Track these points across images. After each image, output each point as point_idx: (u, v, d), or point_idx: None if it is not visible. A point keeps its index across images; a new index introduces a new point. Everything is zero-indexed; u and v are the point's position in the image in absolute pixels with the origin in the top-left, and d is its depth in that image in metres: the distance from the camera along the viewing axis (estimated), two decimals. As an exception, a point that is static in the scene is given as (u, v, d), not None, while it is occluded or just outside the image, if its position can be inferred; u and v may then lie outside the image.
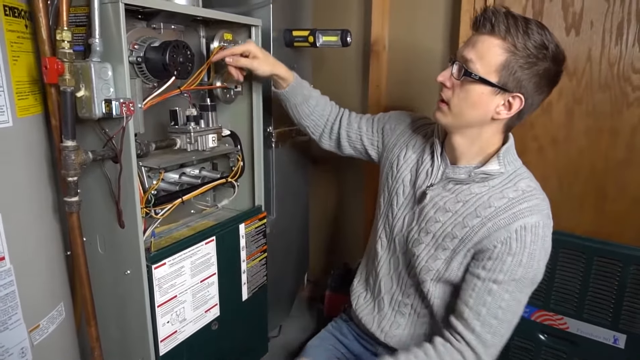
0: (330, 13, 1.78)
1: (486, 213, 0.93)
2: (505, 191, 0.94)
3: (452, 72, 0.92)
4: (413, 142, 1.11)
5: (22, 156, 0.85)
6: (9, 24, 0.79)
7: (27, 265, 0.86)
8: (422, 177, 1.04)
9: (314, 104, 1.30)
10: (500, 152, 0.95)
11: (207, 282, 1.21)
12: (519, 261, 0.90)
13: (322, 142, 1.35)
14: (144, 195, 1.05)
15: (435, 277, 1.00)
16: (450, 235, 0.97)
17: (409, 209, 1.06)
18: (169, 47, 1.03)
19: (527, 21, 0.86)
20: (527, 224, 0.89)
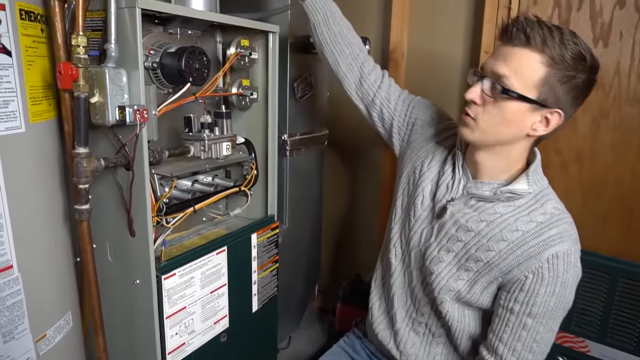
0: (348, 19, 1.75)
1: (513, 237, 0.88)
2: (532, 214, 0.89)
3: (483, 88, 0.85)
4: (440, 150, 1.04)
5: (33, 162, 0.83)
6: (25, 28, 0.77)
7: (35, 273, 0.85)
8: (442, 190, 0.99)
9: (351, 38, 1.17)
10: (529, 171, 0.90)
11: (217, 293, 1.18)
12: (552, 291, 0.86)
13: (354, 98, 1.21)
14: (155, 203, 1.03)
15: (455, 297, 0.97)
16: (474, 257, 0.93)
17: (427, 223, 1.01)
18: (185, 53, 1.01)
19: (560, 30, 0.81)
20: (559, 252, 0.85)
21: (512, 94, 0.82)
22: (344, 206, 1.95)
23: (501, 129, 0.86)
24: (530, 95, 0.82)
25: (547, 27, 0.80)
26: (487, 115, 0.86)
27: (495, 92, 0.83)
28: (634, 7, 1.23)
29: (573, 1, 1.30)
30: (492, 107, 0.85)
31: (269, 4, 1.41)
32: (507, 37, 0.82)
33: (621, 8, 1.24)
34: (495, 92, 0.83)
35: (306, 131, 1.58)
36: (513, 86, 0.82)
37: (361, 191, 1.90)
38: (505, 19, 1.39)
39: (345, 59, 1.17)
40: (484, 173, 0.94)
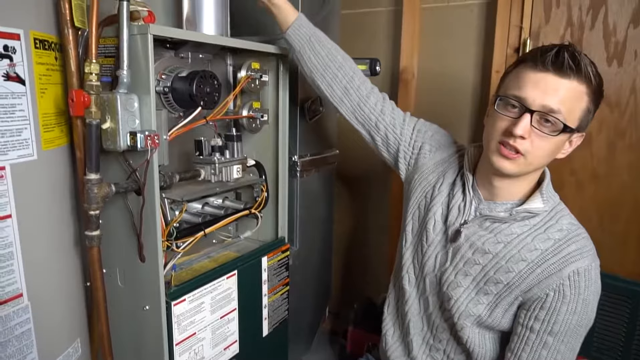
0: (358, 40, 1.76)
1: (532, 257, 0.87)
2: (549, 231, 0.88)
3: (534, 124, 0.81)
4: (449, 173, 1.03)
5: (45, 189, 0.83)
6: (39, 57, 0.78)
7: (44, 301, 0.84)
8: (454, 213, 0.97)
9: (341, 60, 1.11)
10: (542, 189, 0.90)
11: (227, 318, 1.16)
12: (573, 309, 0.85)
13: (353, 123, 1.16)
14: (165, 228, 1.02)
15: (476, 322, 0.94)
16: (493, 279, 0.91)
17: (440, 247, 0.99)
18: (196, 77, 1.02)
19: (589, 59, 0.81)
20: (580, 268, 0.84)
21: (568, 130, 0.81)
22: (354, 227, 1.93)
23: (545, 160, 0.86)
24: (574, 125, 0.82)
25: (586, 56, 0.80)
26: (537, 150, 0.83)
27: (553, 129, 0.81)
28: (648, 26, 1.22)
29: (586, 20, 1.29)
30: (540, 141, 0.82)
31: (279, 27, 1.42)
32: (556, 68, 0.78)
33: (635, 27, 1.23)
34: (553, 130, 0.81)
35: (316, 152, 1.57)
36: (565, 120, 0.80)
37: (371, 212, 1.88)
38: (517, 39, 1.40)
39: (339, 82, 1.12)
40: (498, 195, 0.93)
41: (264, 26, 1.44)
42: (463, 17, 1.54)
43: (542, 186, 0.90)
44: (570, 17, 1.31)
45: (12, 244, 0.76)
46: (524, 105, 0.81)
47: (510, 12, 1.38)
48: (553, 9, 1.34)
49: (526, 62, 0.83)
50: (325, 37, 1.13)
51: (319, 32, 1.12)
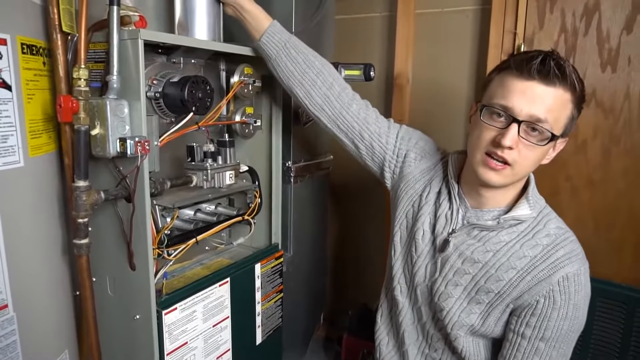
0: (352, 46, 1.76)
1: (522, 264, 0.87)
2: (536, 237, 0.87)
3: (522, 134, 0.79)
4: (435, 182, 1.01)
5: (32, 196, 0.82)
6: (26, 62, 0.76)
7: (31, 311, 0.82)
8: (441, 222, 0.95)
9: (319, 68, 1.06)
10: (528, 194, 0.89)
11: (219, 327, 1.14)
12: (564, 314, 0.84)
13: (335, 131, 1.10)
14: (156, 235, 1.00)
15: (470, 331, 0.93)
16: (484, 289, 0.90)
17: (429, 257, 0.98)
18: (188, 82, 1.00)
19: (572, 65, 0.80)
20: (569, 273, 0.84)
21: (555, 138, 0.81)
22: (349, 232, 1.92)
23: (531, 168, 0.85)
24: (558, 132, 0.81)
25: (569, 63, 0.79)
26: (524, 160, 0.82)
27: (540, 138, 0.80)
28: (641, 32, 1.22)
29: (579, 26, 1.29)
30: (527, 151, 0.81)
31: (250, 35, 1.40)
32: (541, 77, 0.77)
33: (628, 33, 1.23)
34: (540, 139, 0.80)
35: (310, 158, 1.56)
36: (552, 129, 0.79)
37: (366, 217, 1.87)
38: (511, 44, 1.40)
39: (319, 90, 1.05)
40: (486, 204, 0.92)
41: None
42: (457, 23, 1.54)
43: (527, 192, 0.89)
44: (564, 23, 1.31)
45: (-2, 253, 0.74)
46: (511, 115, 0.79)
47: (505, 17, 1.38)
48: (547, 15, 1.34)
49: (510, 70, 0.81)
50: (301, 43, 1.07)
51: (294, 38, 1.07)
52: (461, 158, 0.98)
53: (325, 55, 1.54)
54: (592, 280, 1.27)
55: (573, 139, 1.35)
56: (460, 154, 0.99)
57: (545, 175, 1.40)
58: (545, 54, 0.79)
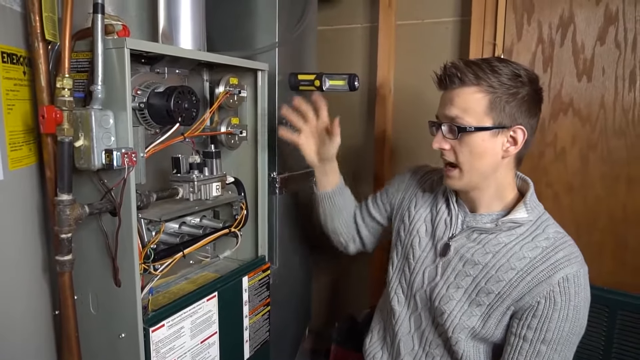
0: (334, 56, 1.77)
1: (522, 265, 0.89)
2: (536, 240, 0.91)
3: (444, 134, 0.92)
4: (421, 192, 1.10)
5: (11, 211, 0.78)
6: (6, 72, 0.73)
7: (10, 332, 0.78)
8: (441, 228, 1.00)
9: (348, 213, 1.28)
10: (526, 199, 0.93)
11: (207, 343, 1.11)
12: (565, 315, 0.86)
13: (349, 249, 1.32)
14: (142, 249, 0.97)
15: (471, 335, 0.94)
16: (484, 290, 0.92)
17: (429, 262, 1.00)
18: (174, 93, 0.98)
19: (487, 61, 0.90)
20: (569, 274, 0.86)
21: (469, 129, 0.88)
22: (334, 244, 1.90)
23: (479, 162, 0.91)
24: (485, 124, 0.88)
25: (475, 63, 0.89)
26: (462, 156, 0.91)
27: (455, 133, 0.90)
28: (613, 44, 1.27)
29: (556, 38, 1.34)
30: (461, 147, 0.91)
31: (256, 42, 1.40)
32: (445, 85, 0.92)
33: (602, 44, 1.28)
34: (455, 133, 0.90)
35: (295, 169, 1.55)
36: (468, 122, 0.88)
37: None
38: (491, 55, 1.43)
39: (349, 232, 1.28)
40: (479, 206, 0.97)
41: (240, 41, 1.43)
42: (438, 34, 1.57)
43: (525, 197, 0.93)
44: (541, 34, 1.36)
45: (-24, 272, 0.70)
46: (436, 122, 0.95)
47: (484, 29, 1.41)
48: (525, 27, 1.38)
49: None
50: (349, 196, 1.27)
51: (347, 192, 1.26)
52: None
53: (308, 65, 1.56)
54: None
55: (552, 147, 1.39)
56: None
57: (526, 182, 1.44)
58: (444, 65, 0.93)
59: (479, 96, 0.88)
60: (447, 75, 0.90)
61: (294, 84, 1.46)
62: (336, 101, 1.81)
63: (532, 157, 1.42)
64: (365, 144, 1.77)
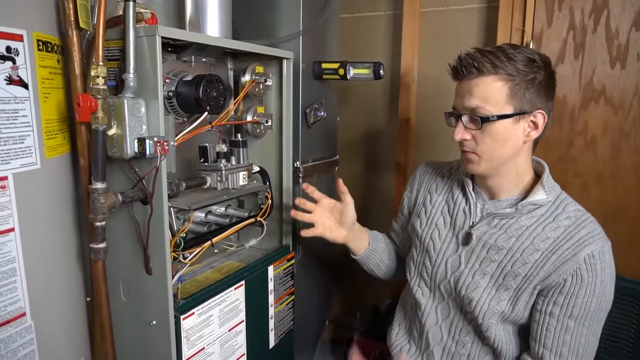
0: (357, 44, 1.75)
1: (546, 245, 0.90)
2: (557, 220, 0.91)
3: (465, 125, 0.91)
4: (434, 186, 1.10)
5: (48, 200, 0.79)
6: (42, 60, 0.73)
7: (48, 319, 0.79)
8: (460, 218, 1.01)
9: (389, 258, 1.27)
10: (543, 181, 0.94)
11: (235, 331, 1.12)
12: (592, 291, 0.87)
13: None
14: (172, 238, 0.98)
15: (501, 319, 0.94)
16: (511, 273, 0.92)
17: (451, 253, 1.00)
18: (203, 81, 0.98)
19: (501, 49, 0.89)
20: (594, 251, 0.87)
21: (492, 119, 0.88)
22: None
23: (502, 149, 0.91)
24: (507, 111, 0.88)
25: (489, 52, 0.88)
26: (483, 145, 0.90)
27: (478, 123, 0.89)
28: (649, 29, 1.23)
29: (588, 24, 1.30)
30: (483, 136, 0.90)
31: (280, 31, 1.39)
32: (461, 76, 0.90)
33: (637, 30, 1.24)
34: (478, 124, 0.89)
35: (318, 157, 1.54)
36: (490, 112, 0.88)
37: (372, 217, 1.86)
38: (519, 42, 1.40)
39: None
40: (499, 192, 0.97)
41: (264, 30, 1.42)
42: (463, 21, 1.53)
43: (542, 178, 0.94)
44: (572, 20, 1.32)
45: (15, 260, 0.71)
46: (455, 114, 0.93)
47: (512, 15, 1.38)
48: (555, 12, 1.34)
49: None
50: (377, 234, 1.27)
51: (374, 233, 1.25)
52: None
53: (331, 54, 1.54)
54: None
55: (582, 136, 1.35)
56: None
57: (554, 172, 1.39)
58: (461, 55, 0.91)
59: (498, 85, 0.87)
60: (463, 65, 0.89)
61: (317, 72, 1.45)
62: (359, 90, 1.80)
63: (561, 146, 1.39)
64: (387, 132, 1.75)
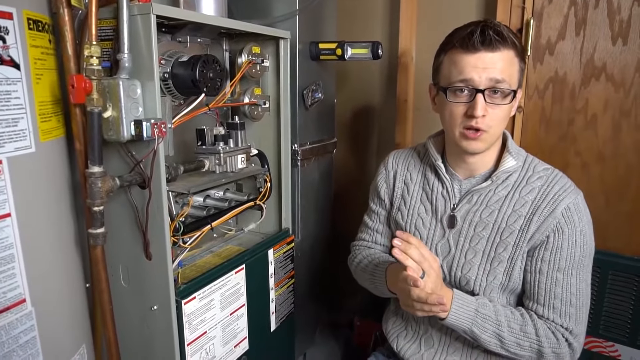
0: (354, 24, 1.72)
1: (526, 210, 0.92)
2: (530, 181, 0.94)
3: (489, 100, 0.86)
4: (408, 176, 1.08)
5: (44, 185, 0.77)
6: (33, 39, 0.71)
7: (48, 306, 0.77)
8: (440, 203, 1.01)
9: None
10: (509, 148, 0.95)
11: (236, 315, 1.12)
12: (574, 242, 0.90)
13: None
14: (171, 223, 0.96)
15: (501, 290, 0.95)
16: (501, 244, 0.93)
17: (439, 238, 1.00)
18: (199, 62, 0.96)
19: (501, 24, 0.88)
20: (569, 204, 0.90)
21: (515, 93, 0.88)
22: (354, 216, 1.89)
23: (502, 125, 0.91)
24: (515, 87, 0.89)
25: (501, 25, 0.87)
26: (495, 121, 0.88)
27: (503, 98, 0.87)
28: (652, 4, 1.21)
29: (590, -1, 1.28)
30: (496, 112, 0.88)
31: (275, 10, 1.36)
32: (486, 45, 0.85)
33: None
34: (510, 98, 0.88)
35: (316, 140, 1.52)
36: (510, 86, 0.87)
37: (370, 199, 1.85)
38: (519, 19, 1.37)
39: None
40: (476, 169, 0.98)
41: (259, 10, 1.38)
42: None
43: (507, 146, 0.96)
44: (573, -5, 1.30)
45: (13, 245, 0.69)
46: (472, 87, 0.87)
47: (513, -9, 1.35)
48: (556, -12, 1.32)
49: (456, 49, 0.88)
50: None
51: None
52: (440, 139, 1.05)
53: (328, 34, 1.51)
54: (603, 254, 1.29)
55: (583, 114, 1.34)
56: (437, 136, 1.06)
57: (555, 151, 1.40)
58: (482, 25, 0.86)
59: (515, 60, 0.88)
60: (490, 35, 0.84)
61: (315, 53, 1.42)
62: (356, 71, 1.77)
63: (561, 125, 1.38)
64: (385, 114, 1.73)
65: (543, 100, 1.40)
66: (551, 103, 1.38)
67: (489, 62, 0.85)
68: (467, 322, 0.90)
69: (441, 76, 0.93)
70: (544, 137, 1.41)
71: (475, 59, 0.86)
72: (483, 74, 0.85)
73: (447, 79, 0.90)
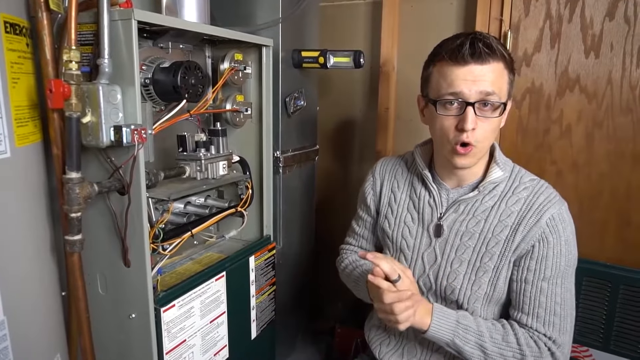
0: (336, 33, 1.73)
1: (512, 220, 0.92)
2: (516, 192, 0.94)
3: (479, 113, 0.85)
4: (395, 184, 1.08)
5: (19, 190, 0.75)
6: (10, 42, 0.70)
7: (21, 314, 0.76)
8: (427, 212, 1.00)
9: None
10: (496, 159, 0.95)
11: (216, 322, 1.11)
12: (559, 251, 0.90)
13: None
14: (151, 229, 0.95)
15: (486, 300, 0.96)
16: (487, 254, 0.94)
17: (425, 247, 1.00)
18: (181, 68, 0.95)
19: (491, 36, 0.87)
20: (554, 214, 0.90)
21: (505, 105, 0.87)
22: (336, 223, 1.90)
23: (491, 138, 0.91)
24: (505, 99, 0.88)
25: (491, 37, 0.86)
26: (485, 133, 0.88)
27: (501, 110, 0.87)
28: (622, 19, 1.26)
29: (564, 13, 1.32)
30: (486, 125, 0.87)
31: (258, 18, 1.37)
32: (476, 57, 0.83)
33: (611, 20, 1.27)
34: (501, 111, 0.87)
35: (298, 147, 1.53)
36: (500, 98, 0.86)
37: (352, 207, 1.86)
38: (497, 31, 1.41)
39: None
40: (464, 180, 0.98)
41: (242, 17, 1.39)
42: (442, 10, 1.54)
43: (495, 157, 0.96)
44: (549, 10, 1.34)
45: (-15, 253, 0.68)
46: (462, 100, 0.85)
47: (491, 4, 1.39)
48: (532, 2, 1.35)
49: (445, 61, 0.86)
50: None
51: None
52: (427, 148, 1.04)
53: (310, 42, 1.53)
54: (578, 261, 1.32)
55: (558, 124, 1.38)
56: (425, 145, 1.05)
57: (531, 160, 1.44)
58: (471, 37, 0.85)
59: (505, 72, 0.87)
60: (480, 48, 0.82)
61: (297, 61, 1.43)
62: (338, 79, 1.78)
63: (538, 135, 1.42)
64: (366, 122, 1.75)
65: (520, 110, 1.43)
66: (528, 113, 1.42)
67: (478, 75, 0.84)
68: (449, 334, 0.90)
69: (430, 88, 0.91)
70: (521, 145, 1.44)
71: (465, 72, 0.84)
72: (473, 86, 0.84)
73: (436, 92, 0.89)
